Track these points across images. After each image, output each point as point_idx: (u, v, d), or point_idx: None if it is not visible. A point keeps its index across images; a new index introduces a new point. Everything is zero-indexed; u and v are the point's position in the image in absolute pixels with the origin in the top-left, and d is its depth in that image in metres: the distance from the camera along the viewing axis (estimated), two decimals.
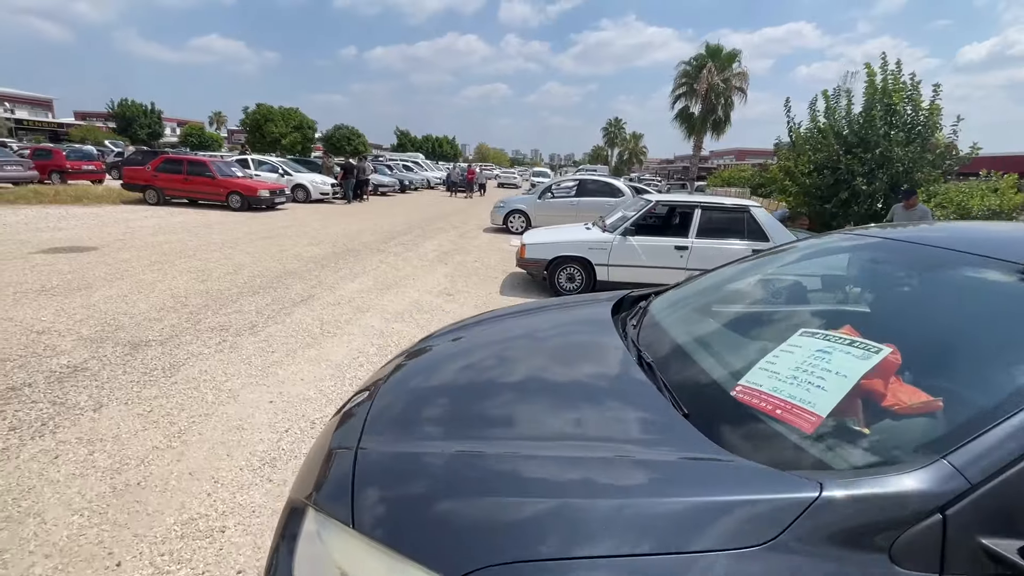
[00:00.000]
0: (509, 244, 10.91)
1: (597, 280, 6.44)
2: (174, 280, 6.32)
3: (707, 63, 27.70)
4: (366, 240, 10.35)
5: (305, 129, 32.19)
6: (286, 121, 30.75)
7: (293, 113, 31.29)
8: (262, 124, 30.38)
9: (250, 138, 30.82)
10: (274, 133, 30.08)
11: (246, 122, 31.75)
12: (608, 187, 12.88)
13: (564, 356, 1.82)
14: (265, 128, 30.15)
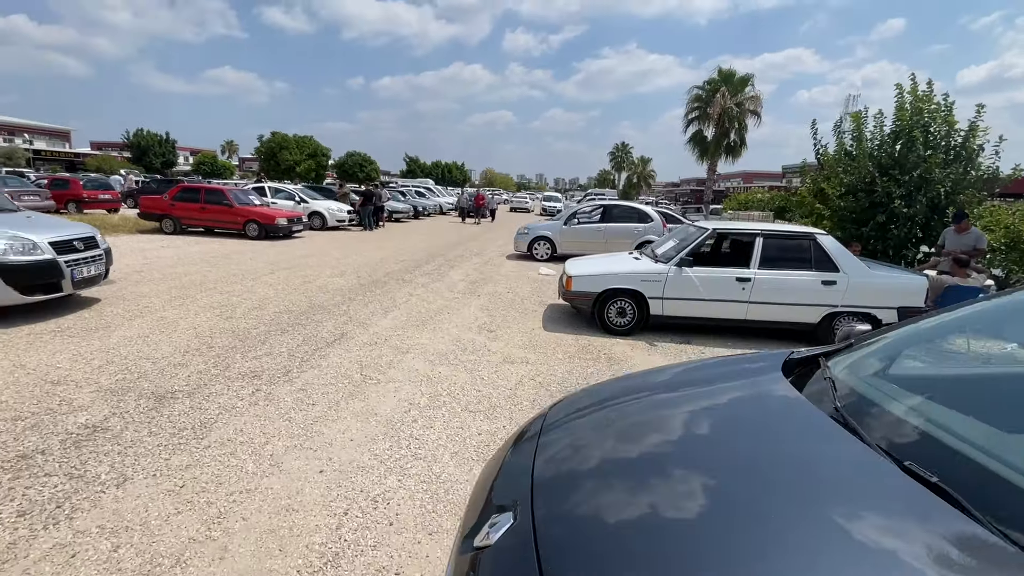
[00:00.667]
0: (539, 273, 10.48)
1: (650, 315, 5.96)
2: (197, 317, 5.90)
3: (720, 87, 27.70)
4: (390, 269, 9.96)
5: (319, 156, 32.40)
6: (300, 148, 30.96)
7: (307, 141, 31.54)
8: (277, 152, 30.57)
9: (264, 165, 30.96)
10: (289, 160, 30.25)
11: (261, 150, 31.98)
12: (635, 212, 12.50)
13: (771, 449, 1.34)
14: (280, 156, 30.33)
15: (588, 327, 6.36)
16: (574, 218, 12.33)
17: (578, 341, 5.77)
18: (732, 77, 28.21)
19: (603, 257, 7.19)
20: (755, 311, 5.83)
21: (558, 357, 5.19)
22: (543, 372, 4.72)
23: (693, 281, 5.80)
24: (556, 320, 6.70)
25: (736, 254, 6.06)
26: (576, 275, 6.07)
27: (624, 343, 5.80)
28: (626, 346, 5.69)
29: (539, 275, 10.30)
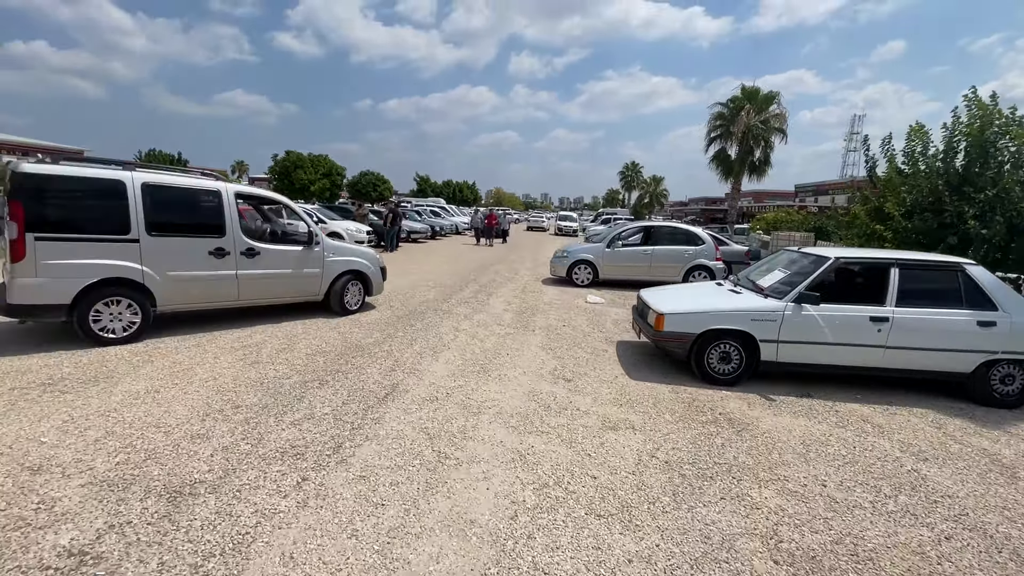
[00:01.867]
0: (587, 301, 9.48)
1: (761, 360, 4.92)
2: (217, 362, 4.93)
3: (744, 105, 27.00)
4: (424, 298, 8.99)
5: (334, 176, 31.80)
6: (315, 168, 30.38)
7: (322, 160, 30.99)
8: (291, 171, 29.99)
9: (279, 185, 30.35)
10: (303, 180, 29.59)
11: (275, 169, 31.42)
12: (683, 234, 11.53)
13: None
14: (295, 175, 29.73)
15: (678, 373, 5.33)
16: (618, 241, 11.37)
17: (678, 394, 4.74)
18: (756, 95, 27.53)
19: (689, 289, 6.20)
20: (894, 357, 4.78)
21: (666, 419, 4.15)
22: (661, 445, 3.68)
23: (816, 321, 4.78)
24: (637, 364, 5.67)
25: (868, 289, 5.04)
26: (670, 312, 5.06)
27: (734, 397, 4.75)
28: (739, 401, 4.64)
29: (587, 304, 9.30)
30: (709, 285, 6.15)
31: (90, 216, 5.19)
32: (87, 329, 5.16)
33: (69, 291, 4.99)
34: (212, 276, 5.93)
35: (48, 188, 4.93)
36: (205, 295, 5.99)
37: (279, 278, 6.64)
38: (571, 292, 10.57)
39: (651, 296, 5.72)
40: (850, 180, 15.53)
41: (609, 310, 8.82)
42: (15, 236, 4.76)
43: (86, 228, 5.12)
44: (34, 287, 4.87)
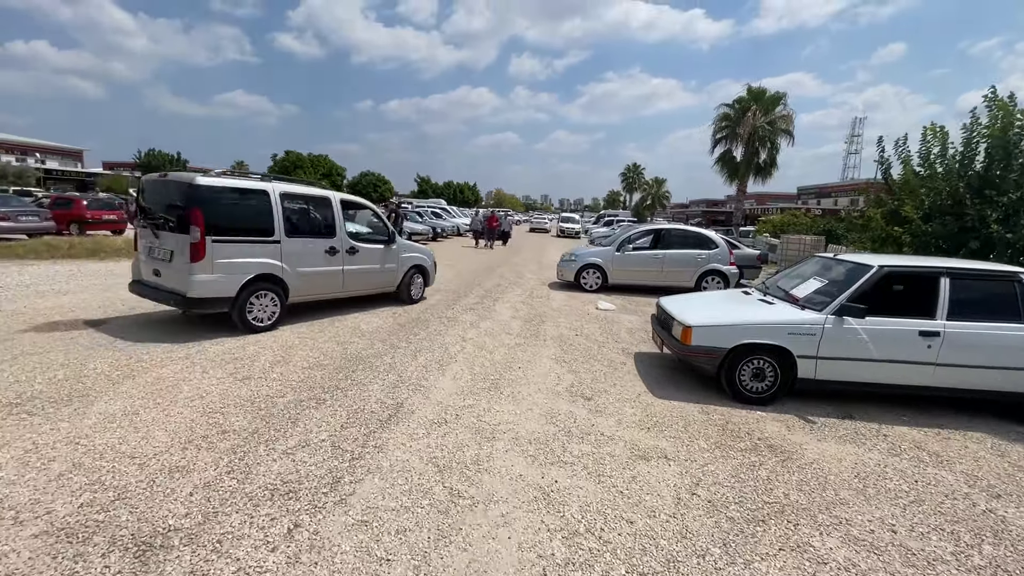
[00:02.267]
0: (597, 308, 9.07)
1: (798, 378, 4.52)
2: (204, 377, 4.51)
3: (751, 106, 26.62)
4: (427, 304, 8.59)
5: (334, 176, 31.39)
6: (315, 168, 29.97)
7: (322, 160, 30.61)
8: (291, 171, 29.54)
9: None
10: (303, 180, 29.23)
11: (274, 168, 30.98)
12: (695, 238, 11.12)
13: None
14: (294, 175, 29.25)
15: (706, 389, 4.92)
16: (627, 244, 10.96)
17: (709, 416, 4.32)
18: (763, 95, 27.15)
19: (715, 298, 5.77)
20: (946, 376, 4.38)
21: (701, 446, 3.74)
22: (700, 479, 3.27)
23: (860, 336, 4.37)
24: (660, 379, 5.25)
25: (915, 300, 4.63)
26: (699, 325, 4.65)
27: (771, 418, 4.35)
28: (777, 424, 4.23)
29: (598, 310, 8.89)
30: (735, 294, 5.74)
31: (246, 221, 6.02)
32: (244, 319, 5.99)
33: (234, 285, 5.80)
34: (327, 271, 6.94)
35: (217, 197, 5.74)
36: (321, 288, 6.98)
37: (370, 273, 7.73)
38: (580, 298, 10.16)
39: (674, 306, 5.31)
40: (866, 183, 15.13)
41: (622, 317, 8.41)
42: (197, 239, 5.50)
43: (244, 231, 5.97)
44: (210, 282, 5.63)
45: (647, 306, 9.55)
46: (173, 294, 5.72)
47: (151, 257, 6.04)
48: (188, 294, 5.55)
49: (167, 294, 5.79)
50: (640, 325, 7.86)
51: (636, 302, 9.94)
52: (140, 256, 6.27)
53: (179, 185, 5.71)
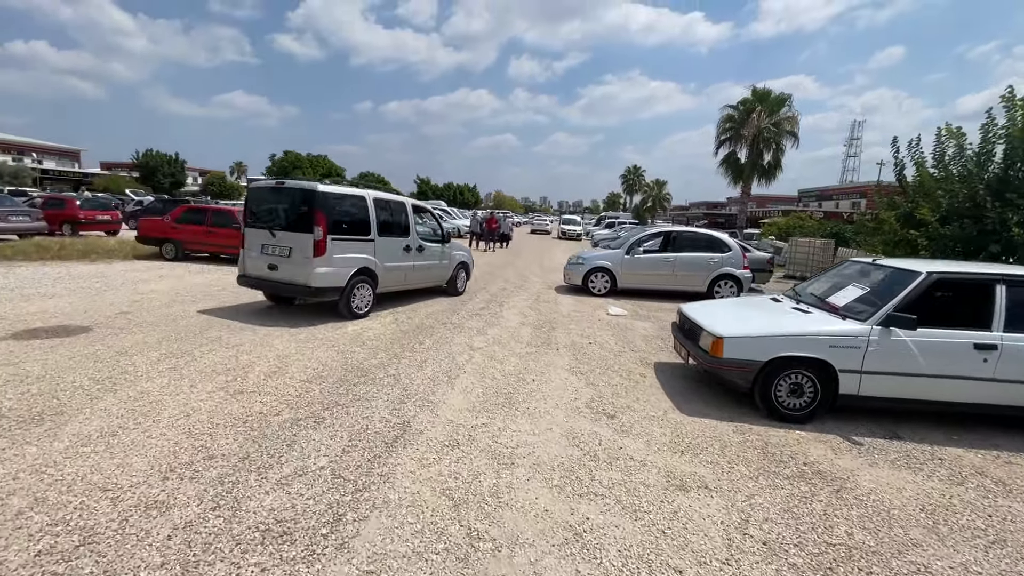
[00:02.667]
0: (608, 313, 8.70)
1: (839, 394, 4.15)
2: (193, 391, 4.13)
3: (755, 107, 26.32)
4: (431, 309, 8.22)
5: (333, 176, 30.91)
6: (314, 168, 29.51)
7: (321, 160, 30.16)
8: (290, 171, 29.10)
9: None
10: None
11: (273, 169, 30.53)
12: (708, 241, 10.76)
13: None
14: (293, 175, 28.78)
15: (736, 405, 4.55)
16: (638, 247, 10.60)
17: (745, 437, 3.95)
18: (768, 96, 26.86)
19: (744, 306, 5.40)
20: (1003, 392, 4.01)
21: (742, 472, 3.37)
22: (749, 514, 2.89)
23: (909, 349, 4.01)
24: (685, 393, 4.88)
25: (961, 308, 4.27)
26: (731, 336, 4.27)
27: (812, 439, 3.98)
28: (820, 445, 3.86)
29: (609, 316, 8.52)
30: (764, 301, 5.37)
31: (351, 223, 6.99)
32: (348, 306, 6.98)
33: (344, 277, 6.81)
34: (403, 266, 8.03)
35: (334, 202, 6.77)
36: (397, 281, 8.04)
37: (431, 268, 8.92)
38: (589, 302, 9.78)
39: (700, 314, 4.95)
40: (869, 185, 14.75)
41: (635, 324, 8.04)
42: (320, 237, 6.46)
43: (350, 231, 6.95)
44: (328, 274, 6.61)
45: (659, 312, 9.19)
46: (292, 285, 6.68)
47: (265, 254, 6.86)
48: (310, 284, 6.49)
49: (285, 285, 6.78)
50: (655, 332, 7.49)
51: (647, 307, 9.57)
52: (249, 254, 6.99)
53: (302, 192, 6.64)
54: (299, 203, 6.64)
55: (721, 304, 5.62)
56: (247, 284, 7.10)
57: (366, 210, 7.17)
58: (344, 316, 6.95)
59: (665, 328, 7.78)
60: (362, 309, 7.19)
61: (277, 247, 6.75)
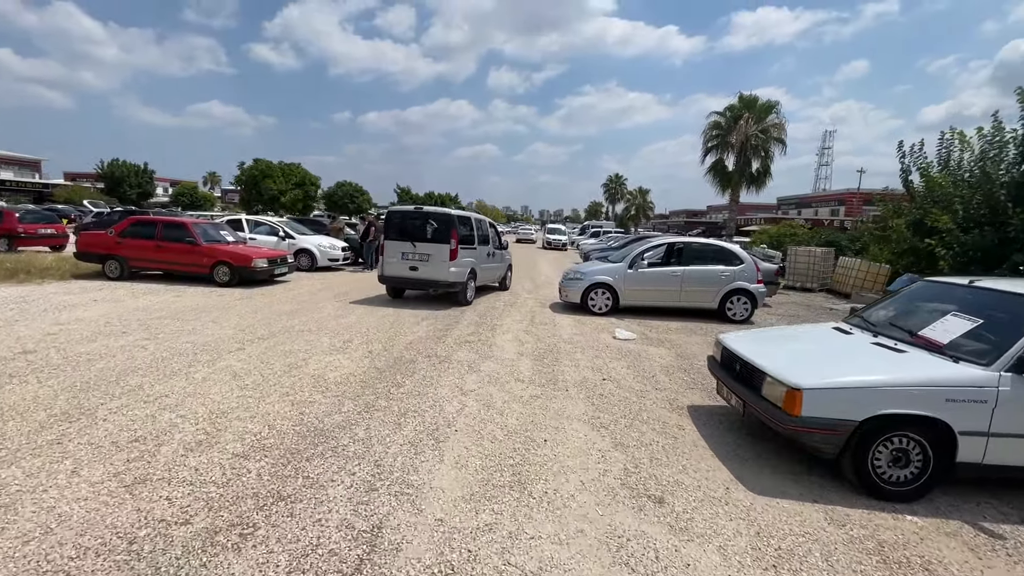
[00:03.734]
0: (615, 338, 7.63)
1: (959, 462, 3.12)
2: (71, 484, 2.90)
3: (743, 114, 25.86)
4: (411, 337, 7.04)
5: (307, 186, 29.34)
6: (287, 177, 27.91)
7: (294, 169, 28.52)
8: (260, 180, 27.49)
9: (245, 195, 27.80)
10: (273, 190, 27.02)
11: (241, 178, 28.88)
12: (717, 252, 9.80)
13: None
14: (263, 184, 27.17)
15: (816, 472, 3.49)
16: (641, 260, 9.60)
17: (844, 529, 2.88)
18: (755, 103, 26.45)
19: (808, 340, 4.34)
20: None
21: None
22: None
23: None
24: (742, 454, 3.79)
25: None
26: (813, 387, 3.21)
27: (935, 529, 2.92)
28: (951, 541, 2.81)
29: (617, 341, 7.46)
30: (827, 332, 4.32)
31: (465, 236, 9.65)
32: (464, 298, 9.68)
33: (464, 275, 9.46)
34: (487, 267, 10.80)
35: (459, 222, 9.43)
36: (484, 279, 10.76)
37: (496, 269, 11.49)
38: (591, 323, 8.72)
39: (753, 351, 3.90)
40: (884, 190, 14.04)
41: (648, 351, 6.98)
42: (454, 247, 9.09)
43: (464, 242, 9.54)
44: (457, 272, 9.24)
45: (671, 333, 8.17)
46: (432, 281, 9.30)
47: (405, 259, 9.33)
48: (448, 280, 9.17)
49: (424, 282, 9.38)
50: (675, 362, 6.44)
51: (655, 328, 8.55)
52: (390, 260, 9.47)
53: (440, 215, 9.39)
54: (436, 223, 9.26)
55: (774, 336, 4.59)
56: (388, 283, 9.77)
57: (471, 227, 10.03)
58: (460, 304, 9.67)
59: (684, 356, 6.75)
60: (470, 300, 9.93)
61: (417, 254, 9.30)
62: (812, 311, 11.63)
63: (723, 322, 9.34)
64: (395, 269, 9.46)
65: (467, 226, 9.85)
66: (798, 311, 11.51)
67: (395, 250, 9.40)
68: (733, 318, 9.39)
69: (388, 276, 9.59)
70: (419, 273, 9.29)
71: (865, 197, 54.33)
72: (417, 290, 10.26)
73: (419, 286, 9.66)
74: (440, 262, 9.12)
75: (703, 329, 8.65)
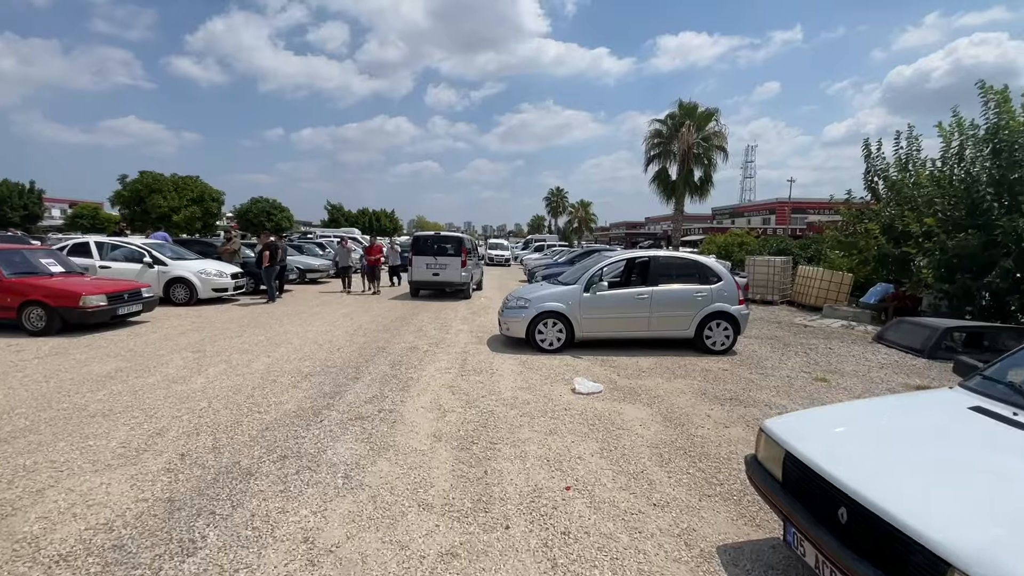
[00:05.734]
0: (575, 391, 5.55)
1: None
2: None
3: (685, 121, 25.16)
4: (272, 416, 4.63)
5: (208, 202, 25.38)
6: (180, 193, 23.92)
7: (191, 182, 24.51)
8: (146, 196, 23.40)
9: (130, 214, 23.65)
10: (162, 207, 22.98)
11: (123, 193, 24.66)
12: (690, 268, 8.02)
13: None
14: (150, 201, 23.07)
15: None
16: (600, 281, 7.65)
17: None
18: (695, 111, 25.85)
19: (953, 442, 2.34)
20: None
21: None
22: None
23: None
24: None
25: None
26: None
27: None
28: None
29: (578, 397, 5.40)
30: (964, 417, 2.39)
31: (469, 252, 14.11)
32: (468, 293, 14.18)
33: (468, 280, 13.90)
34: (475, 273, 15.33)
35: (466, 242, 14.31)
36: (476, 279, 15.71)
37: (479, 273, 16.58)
38: (540, 366, 6.63)
39: (885, 488, 1.89)
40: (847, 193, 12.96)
41: (624, 413, 4.95)
42: (462, 258, 13.24)
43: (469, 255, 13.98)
44: (465, 277, 13.39)
45: (643, 376, 6.24)
46: (448, 283, 13.42)
47: (429, 268, 13.32)
48: (459, 281, 13.32)
49: (442, 283, 13.48)
50: (665, 434, 4.43)
51: (624, 369, 6.59)
52: (418, 268, 13.40)
53: (453, 238, 13.89)
54: (450, 243, 13.55)
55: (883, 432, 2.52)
56: (415, 286, 13.76)
57: (468, 245, 14.27)
58: (466, 297, 13.92)
59: (674, 419, 4.78)
60: (471, 295, 14.28)
61: (437, 264, 13.28)
62: (788, 330, 10.17)
63: (702, 353, 7.56)
64: (421, 275, 13.43)
65: (466, 245, 13.85)
66: (771, 330, 10.00)
67: (421, 262, 13.35)
68: (712, 348, 7.62)
69: (416, 280, 13.57)
70: (439, 277, 13.33)
71: (796, 205, 56.76)
72: (435, 290, 13.97)
73: (438, 287, 13.68)
74: (453, 270, 13.23)
75: (683, 367, 6.78)
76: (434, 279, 13.25)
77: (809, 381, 6.30)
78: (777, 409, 5.10)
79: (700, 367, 6.82)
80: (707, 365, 6.93)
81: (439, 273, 13.18)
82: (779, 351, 8.05)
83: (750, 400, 5.44)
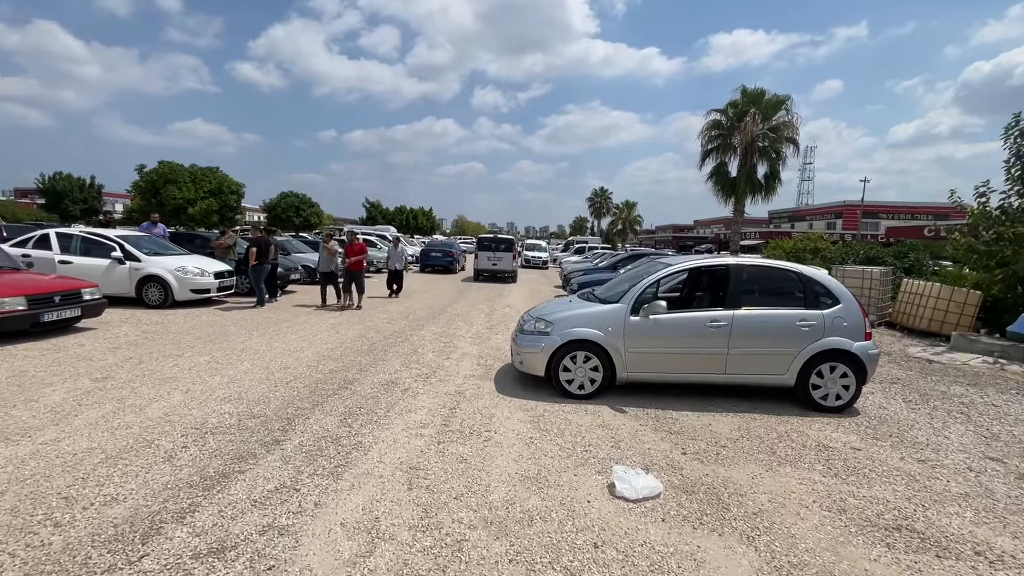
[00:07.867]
0: (615, 493, 3.25)
1: None
2: None
3: (749, 110, 22.11)
4: (117, 510, 2.62)
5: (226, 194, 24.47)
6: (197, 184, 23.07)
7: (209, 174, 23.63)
8: (161, 187, 22.65)
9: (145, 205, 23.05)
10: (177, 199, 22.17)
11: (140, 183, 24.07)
12: (787, 283, 5.56)
13: None
14: (164, 192, 22.32)
15: None
16: (655, 298, 5.35)
17: None
18: (761, 98, 22.71)
19: None
20: None
21: None
22: None
23: None
24: None
25: None
26: None
27: None
28: None
29: (618, 509, 3.11)
30: None
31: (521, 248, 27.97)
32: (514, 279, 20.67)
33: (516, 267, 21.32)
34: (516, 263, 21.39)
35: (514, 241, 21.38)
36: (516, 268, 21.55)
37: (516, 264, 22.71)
38: (562, 427, 4.37)
39: None
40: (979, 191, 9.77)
41: (705, 557, 2.63)
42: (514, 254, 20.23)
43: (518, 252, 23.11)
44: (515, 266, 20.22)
45: (726, 458, 3.83)
46: (503, 271, 19.55)
47: (490, 260, 19.50)
48: (510, 269, 19.63)
49: (500, 271, 19.53)
50: None
51: (694, 438, 4.24)
52: (482, 261, 19.63)
53: (506, 239, 20.21)
54: (504, 243, 19.89)
55: None
56: (479, 274, 19.53)
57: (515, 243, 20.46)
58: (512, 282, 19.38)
59: None
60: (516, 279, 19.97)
61: (496, 257, 19.41)
62: (910, 368, 7.43)
63: (805, 410, 5.10)
64: (484, 265, 19.46)
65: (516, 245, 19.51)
66: (887, 369, 7.30)
67: (484, 255, 19.52)
68: (823, 403, 5.14)
69: (479, 269, 19.51)
70: (496, 267, 19.33)
71: (868, 209, 51.30)
72: (492, 275, 19.46)
73: (495, 273, 19.39)
74: (507, 261, 19.36)
75: (785, 439, 4.35)
76: (493, 268, 19.31)
77: (1012, 481, 3.76)
78: (1002, 567, 2.65)
79: (813, 440, 4.39)
80: (823, 436, 4.49)
81: (496, 263, 19.28)
82: (922, 409, 5.45)
83: (938, 533, 2.99)
